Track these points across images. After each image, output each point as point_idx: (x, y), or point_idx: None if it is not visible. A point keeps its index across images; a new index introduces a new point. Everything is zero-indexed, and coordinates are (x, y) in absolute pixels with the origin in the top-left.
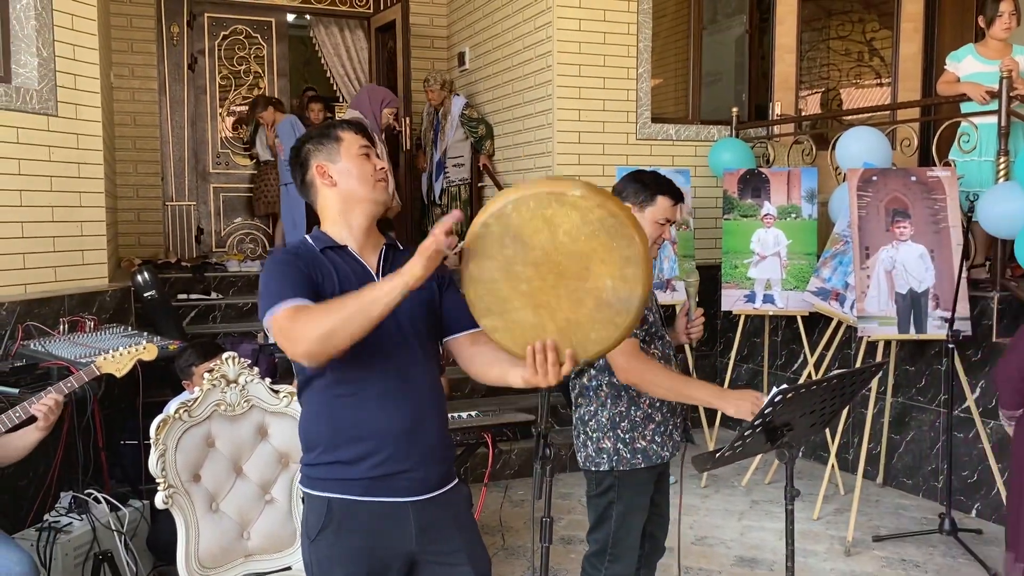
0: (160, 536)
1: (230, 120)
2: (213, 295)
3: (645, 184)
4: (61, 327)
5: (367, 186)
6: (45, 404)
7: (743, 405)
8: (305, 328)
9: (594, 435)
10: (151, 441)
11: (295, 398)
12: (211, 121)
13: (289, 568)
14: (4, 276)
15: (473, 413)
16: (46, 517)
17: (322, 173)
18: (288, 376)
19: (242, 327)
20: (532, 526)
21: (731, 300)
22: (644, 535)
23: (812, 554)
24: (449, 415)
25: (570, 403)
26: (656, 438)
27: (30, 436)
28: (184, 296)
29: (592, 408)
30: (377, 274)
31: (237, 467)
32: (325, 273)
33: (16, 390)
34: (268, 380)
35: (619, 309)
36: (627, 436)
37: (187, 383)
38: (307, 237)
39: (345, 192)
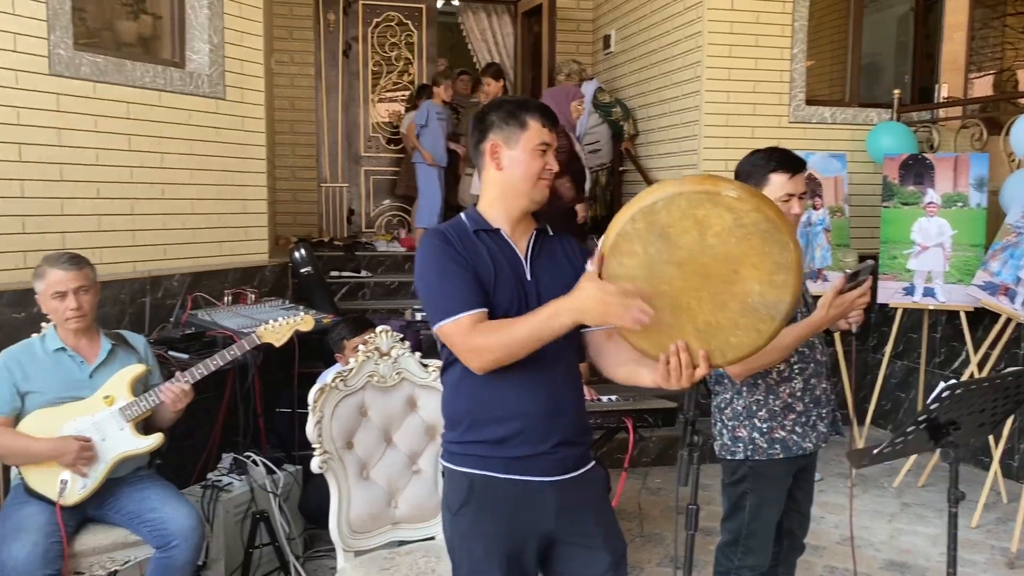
0: (310, 501)
1: (381, 106)
2: (363, 273)
3: (756, 165)
4: (225, 299)
5: (529, 183)
6: (172, 391)
7: (830, 311)
8: (480, 351)
9: (730, 423)
10: (309, 408)
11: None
12: (363, 106)
13: (433, 538)
14: (176, 250)
15: (613, 397)
16: (209, 476)
17: (494, 153)
18: (433, 352)
19: (390, 304)
20: (671, 514)
21: (888, 293)
22: (782, 531)
23: (970, 563)
24: (589, 398)
25: (710, 392)
26: (797, 428)
27: (166, 415)
28: (336, 273)
29: (728, 396)
30: (526, 259)
31: (387, 437)
32: (480, 257)
33: (187, 355)
34: (418, 354)
35: (764, 316)
36: (764, 425)
37: (339, 356)
38: (462, 215)
39: (507, 180)
